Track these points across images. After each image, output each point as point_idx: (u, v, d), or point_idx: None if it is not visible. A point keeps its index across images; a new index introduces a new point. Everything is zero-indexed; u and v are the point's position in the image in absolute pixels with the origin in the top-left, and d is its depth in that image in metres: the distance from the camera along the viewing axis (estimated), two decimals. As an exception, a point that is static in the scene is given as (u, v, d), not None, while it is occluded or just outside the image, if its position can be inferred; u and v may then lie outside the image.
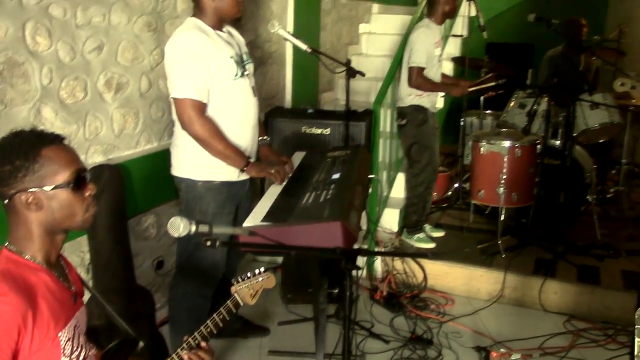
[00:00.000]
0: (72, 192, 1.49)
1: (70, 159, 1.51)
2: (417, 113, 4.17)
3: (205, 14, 2.65)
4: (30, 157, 1.44)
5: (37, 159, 1.44)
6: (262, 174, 2.79)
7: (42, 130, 1.52)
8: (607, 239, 4.43)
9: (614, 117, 4.55)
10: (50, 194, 1.47)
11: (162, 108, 3.40)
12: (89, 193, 1.54)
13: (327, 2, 5.31)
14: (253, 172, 2.78)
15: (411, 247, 4.32)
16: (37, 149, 1.45)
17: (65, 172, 1.48)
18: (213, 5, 2.63)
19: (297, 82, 4.84)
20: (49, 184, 1.46)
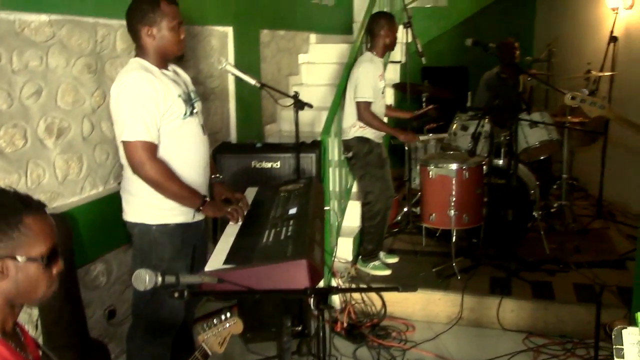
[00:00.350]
0: (43, 268, 1.40)
1: (49, 232, 1.42)
2: (362, 145, 4.21)
3: (148, 53, 2.59)
4: (12, 222, 1.34)
5: (18, 227, 1.35)
6: (219, 213, 2.72)
7: (28, 195, 1.43)
8: (555, 252, 4.53)
9: (552, 134, 4.70)
10: (21, 266, 1.37)
11: (106, 151, 3.29)
12: (57, 271, 1.46)
13: (266, 35, 5.31)
14: (209, 211, 2.71)
15: (367, 275, 4.30)
16: (20, 216, 1.36)
17: (42, 245, 1.39)
18: (155, 44, 2.57)
19: (241, 116, 4.79)
20: (23, 255, 1.36)
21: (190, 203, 2.65)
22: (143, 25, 2.54)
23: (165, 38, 2.57)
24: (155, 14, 2.53)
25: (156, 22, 2.54)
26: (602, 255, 4.50)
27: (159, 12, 2.53)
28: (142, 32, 2.55)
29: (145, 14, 2.53)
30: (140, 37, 2.57)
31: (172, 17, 2.56)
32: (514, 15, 8.28)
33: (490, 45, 4.30)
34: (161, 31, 2.55)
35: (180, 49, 2.66)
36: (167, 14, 2.55)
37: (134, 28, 2.57)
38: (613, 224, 5.27)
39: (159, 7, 2.53)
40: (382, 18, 4.24)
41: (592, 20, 6.49)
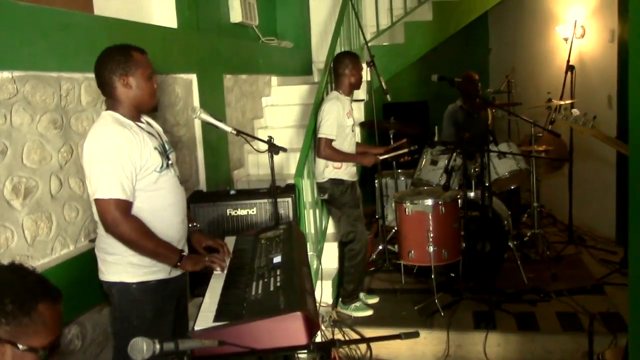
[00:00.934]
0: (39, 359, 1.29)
1: (57, 324, 1.31)
2: (337, 186, 4.19)
3: (122, 105, 2.50)
4: (25, 307, 1.25)
5: (30, 313, 1.24)
6: (199, 266, 2.61)
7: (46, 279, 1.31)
8: (533, 282, 4.54)
9: (521, 163, 4.75)
10: (18, 354, 1.25)
11: (75, 208, 3.15)
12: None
13: (229, 79, 5.27)
14: (188, 266, 2.60)
15: (349, 318, 4.21)
16: (35, 302, 1.26)
17: (47, 336, 1.28)
18: (131, 94, 2.49)
19: (210, 163, 4.70)
20: (24, 343, 1.25)
21: (167, 260, 2.54)
22: (118, 75, 2.46)
23: (141, 88, 2.49)
24: (130, 63, 2.46)
25: (131, 70, 2.46)
26: (579, 282, 4.52)
27: (132, 61, 2.46)
28: (118, 83, 2.46)
29: (119, 63, 2.45)
30: (115, 88, 2.48)
31: (146, 65, 2.51)
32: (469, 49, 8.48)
33: (457, 80, 4.35)
34: (137, 80, 2.48)
35: (155, 100, 2.59)
36: (140, 62, 2.49)
37: (108, 80, 2.47)
38: (584, 248, 5.32)
39: (131, 56, 2.47)
40: (346, 57, 4.26)
41: (546, 50, 6.68)
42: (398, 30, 6.54)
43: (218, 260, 2.58)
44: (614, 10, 5.36)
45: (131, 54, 2.47)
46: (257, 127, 5.90)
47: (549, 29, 6.52)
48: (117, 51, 2.47)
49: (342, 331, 4.03)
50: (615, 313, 3.95)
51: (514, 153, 4.67)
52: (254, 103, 5.92)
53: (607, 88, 5.51)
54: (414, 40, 6.53)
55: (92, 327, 3.21)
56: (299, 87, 6.40)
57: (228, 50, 5.26)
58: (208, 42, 4.86)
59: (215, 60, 4.93)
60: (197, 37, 4.69)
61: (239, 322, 2.01)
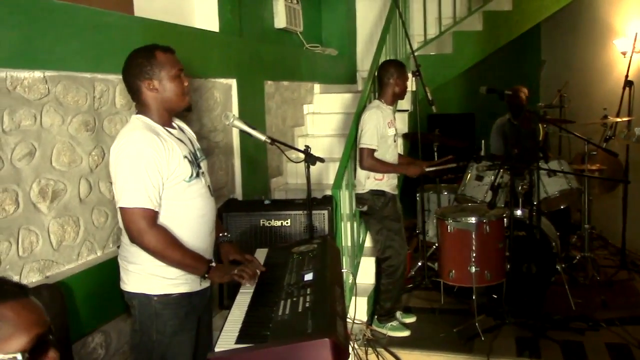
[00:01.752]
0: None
1: (32, 321, 1.17)
2: (377, 198, 4.03)
3: (151, 110, 2.39)
4: None
5: None
6: (226, 278, 2.47)
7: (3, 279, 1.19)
8: (581, 308, 4.28)
9: (572, 182, 4.50)
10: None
11: (104, 213, 3.07)
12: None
13: (270, 86, 5.16)
14: (216, 277, 2.46)
15: (384, 337, 4.03)
16: None
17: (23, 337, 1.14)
18: (158, 98, 2.37)
19: (247, 170, 4.59)
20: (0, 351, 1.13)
21: (195, 270, 2.42)
22: (142, 80, 2.35)
23: (168, 89, 2.37)
24: (153, 66, 2.34)
25: (155, 73, 2.35)
26: (632, 310, 4.24)
27: (155, 63, 2.35)
28: (143, 87, 2.36)
29: (142, 67, 2.34)
30: (142, 93, 2.37)
31: (171, 65, 2.38)
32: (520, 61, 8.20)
33: (506, 93, 4.14)
34: (162, 82, 2.36)
35: (185, 100, 2.45)
36: (164, 63, 2.36)
37: (134, 85, 2.38)
38: (637, 274, 5.01)
39: (154, 58, 2.35)
40: (391, 66, 4.11)
41: (602, 64, 6.37)
42: (446, 40, 6.35)
43: (247, 274, 2.44)
44: (678, 24, 5.06)
45: (154, 55, 2.35)
46: (298, 134, 5.78)
47: (606, 42, 6.22)
48: (140, 54, 2.37)
49: (376, 351, 3.84)
50: (672, 347, 3.68)
51: (566, 172, 4.42)
52: (295, 110, 5.80)
53: (667, 106, 5.20)
54: (463, 50, 6.32)
55: (116, 336, 3.12)
56: (342, 96, 6.27)
57: (270, 56, 5.15)
58: (250, 47, 4.76)
59: (256, 65, 4.83)
60: (239, 42, 4.60)
61: (262, 346, 1.87)
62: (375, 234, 4.13)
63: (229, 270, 2.48)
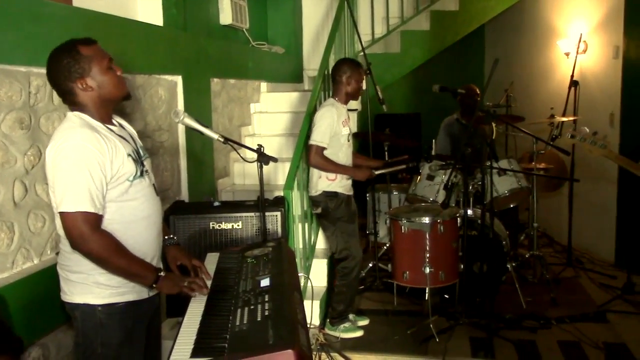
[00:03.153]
0: None
1: None
2: (330, 200, 3.93)
3: (88, 108, 2.20)
4: None
5: None
6: (176, 289, 2.31)
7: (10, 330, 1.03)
8: (532, 307, 4.30)
9: (522, 181, 4.51)
10: None
11: (41, 217, 2.86)
12: None
13: (217, 83, 5.00)
14: (165, 288, 2.31)
15: (337, 340, 3.94)
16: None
17: None
18: (94, 95, 2.19)
19: (193, 171, 4.42)
20: None
21: (142, 280, 2.26)
22: (74, 80, 2.16)
23: (104, 84, 2.19)
24: (81, 63, 2.15)
25: (85, 71, 2.16)
26: (580, 308, 4.29)
27: (82, 59, 2.15)
28: (76, 89, 2.17)
29: (69, 68, 2.15)
30: (75, 95, 2.18)
31: (100, 57, 2.19)
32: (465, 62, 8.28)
33: (460, 91, 4.11)
34: (95, 78, 2.18)
35: (123, 89, 2.28)
36: (92, 57, 2.17)
37: (65, 87, 2.18)
38: (583, 271, 5.09)
39: (79, 54, 2.15)
40: (345, 64, 4.01)
41: (546, 64, 6.48)
42: (394, 39, 6.34)
43: (198, 287, 2.29)
44: (619, 26, 5.17)
45: (78, 51, 2.16)
46: (245, 134, 5.63)
47: (550, 43, 6.33)
48: (63, 54, 2.16)
49: (330, 356, 3.74)
50: (621, 344, 3.72)
51: (518, 170, 4.43)
52: (242, 109, 5.65)
53: (610, 106, 5.31)
54: (410, 49, 6.32)
55: (55, 348, 2.91)
56: (289, 95, 6.16)
57: (216, 53, 4.99)
58: (195, 43, 4.59)
59: (202, 62, 4.65)
60: (184, 37, 4.42)
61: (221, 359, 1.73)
62: (330, 236, 4.03)
63: (180, 281, 2.33)
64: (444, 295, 4.37)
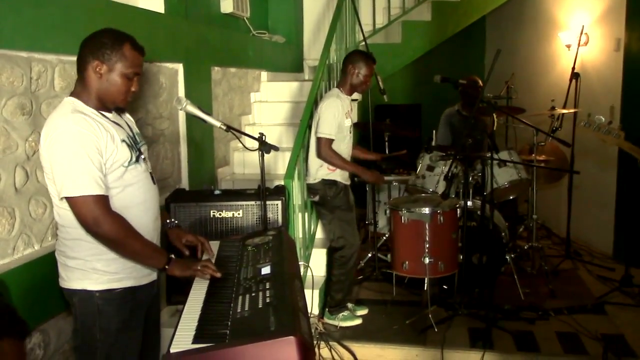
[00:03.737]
0: None
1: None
2: (329, 188, 3.92)
3: (87, 91, 2.21)
4: None
5: None
6: (188, 272, 2.31)
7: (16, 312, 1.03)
8: (530, 297, 4.31)
9: (522, 173, 4.52)
10: None
11: (42, 203, 2.85)
12: None
13: (217, 72, 4.98)
14: (176, 270, 2.30)
15: (336, 329, 3.95)
16: None
17: None
18: (98, 84, 2.20)
19: (193, 160, 4.41)
20: None
21: (156, 262, 2.28)
22: (94, 58, 2.17)
23: (113, 83, 2.21)
24: (113, 53, 2.17)
25: (110, 60, 2.18)
26: (579, 299, 4.30)
27: (118, 52, 2.18)
28: (90, 66, 2.18)
29: (101, 47, 2.16)
30: (86, 70, 2.20)
31: (131, 63, 2.21)
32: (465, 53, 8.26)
33: (461, 82, 4.10)
34: (111, 73, 2.19)
35: (124, 101, 2.29)
36: (126, 57, 2.19)
37: (85, 58, 2.20)
38: (581, 264, 5.11)
39: (120, 48, 2.18)
40: (356, 55, 3.99)
41: (547, 56, 6.47)
42: (395, 30, 6.31)
43: (211, 270, 2.29)
44: (621, 18, 5.16)
45: (122, 45, 2.18)
46: (245, 123, 5.63)
47: (551, 35, 6.32)
48: (110, 35, 2.20)
49: (329, 345, 3.76)
50: (619, 335, 3.73)
51: (518, 162, 4.43)
52: (243, 98, 5.64)
53: (610, 98, 5.31)
54: (411, 40, 6.29)
55: (56, 335, 2.91)
56: (289, 84, 6.15)
57: (217, 41, 4.97)
58: (196, 31, 4.57)
59: (203, 50, 4.64)
60: (185, 25, 4.40)
61: (223, 345, 1.74)
62: (327, 224, 4.03)
63: (191, 264, 2.33)
64: (442, 286, 4.38)
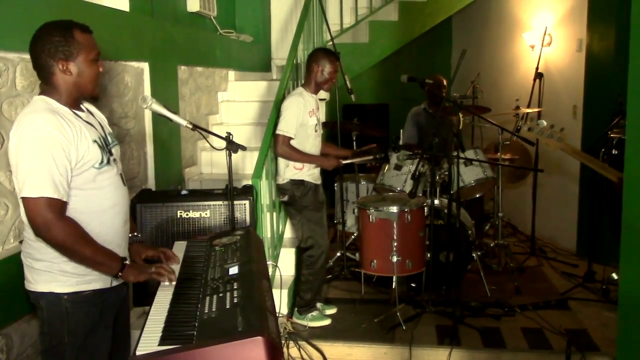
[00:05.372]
0: None
1: None
2: (297, 188, 3.93)
3: (59, 91, 2.17)
4: None
5: None
6: (143, 276, 2.29)
7: None
8: (496, 294, 4.37)
9: (488, 172, 4.57)
10: None
11: (4, 205, 2.80)
12: None
13: (184, 71, 4.94)
14: (130, 276, 2.28)
15: (305, 328, 3.95)
16: None
17: None
18: (70, 81, 2.16)
19: (160, 159, 4.37)
20: None
21: (107, 269, 2.23)
22: (56, 60, 2.13)
23: (84, 74, 2.18)
24: (71, 46, 2.13)
25: (72, 55, 2.14)
26: (543, 296, 4.37)
27: (73, 43, 2.14)
28: (56, 69, 2.14)
29: (58, 46, 2.12)
30: (53, 74, 2.15)
31: (90, 47, 2.18)
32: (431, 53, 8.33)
33: (427, 82, 4.14)
34: (79, 66, 2.16)
35: (96, 87, 2.26)
36: (83, 44, 2.16)
37: (45, 64, 2.15)
38: (545, 260, 5.20)
39: (72, 38, 2.14)
40: (318, 53, 4.01)
41: (511, 57, 6.57)
42: (362, 30, 6.33)
43: (166, 271, 2.27)
44: (583, 19, 5.26)
45: (72, 34, 2.14)
46: (212, 123, 5.59)
47: (515, 36, 6.42)
48: (56, 30, 2.14)
49: (298, 344, 3.76)
50: (582, 330, 3.81)
51: (484, 161, 4.49)
52: (210, 98, 5.60)
53: (573, 98, 5.42)
54: (379, 40, 6.33)
55: (19, 339, 2.86)
56: (257, 84, 6.13)
57: (183, 40, 4.93)
58: (162, 30, 4.52)
59: (169, 49, 4.60)
60: (151, 23, 4.35)
61: (190, 347, 1.72)
62: (297, 224, 4.03)
63: (145, 268, 2.31)
64: (410, 284, 4.41)
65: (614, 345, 3.28)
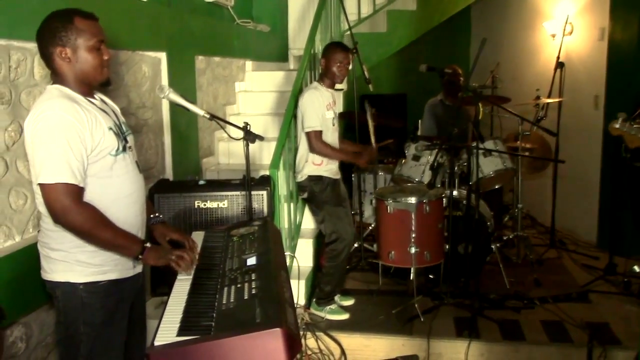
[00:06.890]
0: None
1: None
2: (315, 184, 3.93)
3: (66, 79, 2.17)
4: None
5: None
6: (162, 261, 2.27)
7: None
8: (516, 287, 4.33)
9: (507, 163, 4.51)
10: None
11: (23, 195, 2.80)
12: None
13: (202, 61, 4.92)
14: (151, 259, 2.26)
15: (322, 320, 3.94)
16: None
17: None
18: (72, 68, 2.16)
19: (177, 150, 4.36)
20: None
21: (128, 251, 2.23)
22: (54, 46, 2.12)
23: (84, 60, 2.16)
24: (68, 32, 2.12)
25: (69, 41, 2.12)
26: (563, 288, 4.32)
27: (72, 29, 2.12)
28: (55, 55, 2.14)
29: (55, 32, 2.11)
30: (53, 61, 2.15)
31: (90, 34, 2.15)
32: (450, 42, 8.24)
33: (446, 71, 4.09)
34: (77, 52, 2.14)
35: (103, 74, 2.23)
36: (82, 31, 2.14)
37: (45, 51, 2.15)
38: (565, 252, 5.14)
39: (71, 24, 2.12)
40: (326, 48, 4.03)
41: (531, 46, 6.48)
42: (380, 19, 6.27)
43: (185, 261, 2.26)
44: (605, 8, 5.16)
45: (72, 21, 2.13)
46: (230, 113, 5.57)
47: (536, 25, 6.32)
48: (56, 18, 2.14)
49: (315, 335, 3.75)
50: (603, 324, 3.75)
51: (504, 151, 4.43)
52: (227, 88, 5.58)
53: (594, 88, 5.33)
54: (397, 29, 6.26)
55: (38, 328, 2.87)
56: (274, 74, 6.10)
57: (201, 30, 4.91)
58: (180, 19, 4.50)
59: (187, 39, 4.58)
60: (168, 12, 4.34)
61: (208, 338, 1.72)
62: (320, 222, 4.02)
63: (167, 252, 2.30)
64: (428, 276, 4.38)
65: (636, 339, 3.24)
